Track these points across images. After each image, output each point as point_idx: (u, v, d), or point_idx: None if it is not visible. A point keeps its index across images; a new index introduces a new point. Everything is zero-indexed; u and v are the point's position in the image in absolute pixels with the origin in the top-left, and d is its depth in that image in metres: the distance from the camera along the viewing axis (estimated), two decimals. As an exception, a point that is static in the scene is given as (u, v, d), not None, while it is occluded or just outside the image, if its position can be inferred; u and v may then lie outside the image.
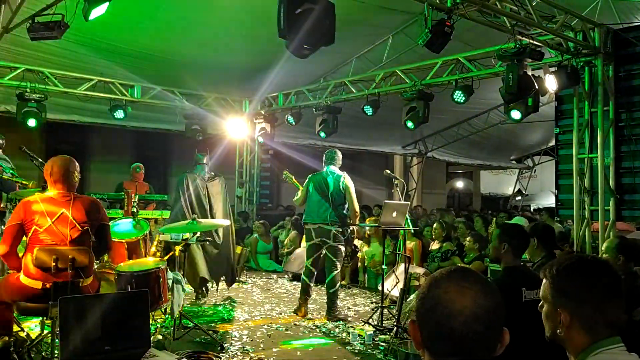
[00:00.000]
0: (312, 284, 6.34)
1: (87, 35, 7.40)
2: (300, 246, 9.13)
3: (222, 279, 7.01)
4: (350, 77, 9.11)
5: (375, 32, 8.59)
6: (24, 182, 5.13)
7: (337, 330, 5.69)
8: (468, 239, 6.96)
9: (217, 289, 7.08)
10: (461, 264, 6.78)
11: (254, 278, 8.79)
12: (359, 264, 8.37)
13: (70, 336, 3.00)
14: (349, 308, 6.76)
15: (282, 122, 10.64)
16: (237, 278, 8.32)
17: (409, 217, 6.01)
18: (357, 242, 8.28)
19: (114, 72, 9.05)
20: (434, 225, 8.15)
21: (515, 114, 6.46)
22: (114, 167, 12.23)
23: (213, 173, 7.14)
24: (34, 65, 8.43)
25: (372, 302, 7.11)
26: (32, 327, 4.82)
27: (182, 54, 8.56)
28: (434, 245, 7.84)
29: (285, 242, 9.96)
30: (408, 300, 5.75)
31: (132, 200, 6.32)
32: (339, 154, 6.45)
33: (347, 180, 6.23)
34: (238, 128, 10.84)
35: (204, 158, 7.01)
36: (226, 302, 6.89)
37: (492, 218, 9.96)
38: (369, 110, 8.67)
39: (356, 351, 4.96)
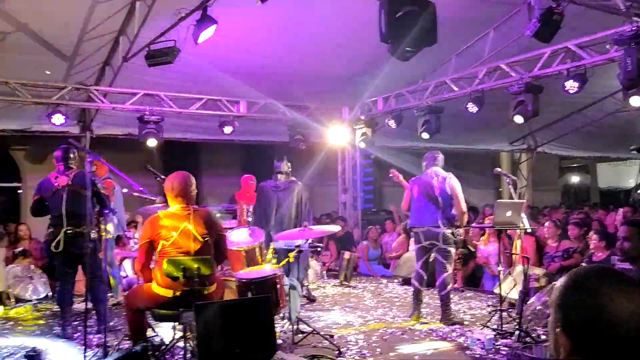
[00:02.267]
0: (423, 288, 6.25)
1: (196, 57, 7.85)
2: (408, 250, 9.04)
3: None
4: (451, 76, 8.90)
5: (474, 27, 8.34)
6: (152, 198, 5.54)
7: (454, 334, 5.56)
8: (594, 236, 6.51)
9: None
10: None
11: (363, 283, 8.83)
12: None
13: (206, 340, 3.20)
14: (464, 312, 6.59)
15: (382, 126, 10.63)
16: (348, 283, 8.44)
17: (524, 216, 5.74)
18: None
19: (221, 90, 9.55)
20: (546, 224, 7.73)
21: (636, 101, 5.98)
22: (225, 180, 12.84)
23: (293, 179, 7.28)
24: (151, 90, 9.11)
25: (488, 306, 6.87)
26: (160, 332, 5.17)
27: (285, 66, 8.83)
28: (551, 244, 7.43)
29: (392, 246, 9.92)
30: (529, 302, 5.50)
31: (245, 210, 6.63)
32: (441, 155, 6.33)
33: (453, 180, 6.09)
34: (339, 135, 10.99)
35: (280, 166, 7.20)
36: (338, 307, 6.97)
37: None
38: (473, 107, 8.42)
39: (477, 356, 4.81)
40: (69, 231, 5.33)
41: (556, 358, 1.28)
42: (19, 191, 12.07)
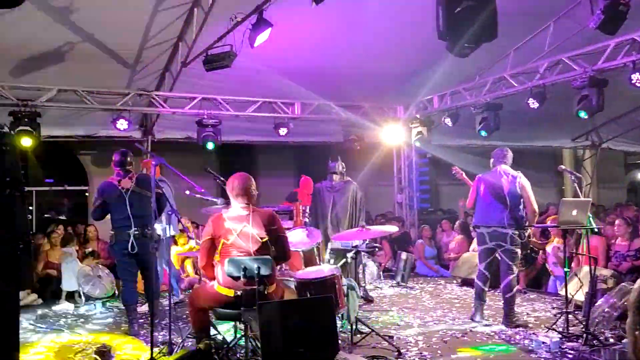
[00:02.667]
0: (486, 289, 6.10)
1: (252, 60, 7.97)
2: (468, 250, 8.86)
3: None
4: (510, 71, 8.65)
5: (533, 20, 8.08)
6: (213, 199, 5.68)
7: (517, 337, 5.40)
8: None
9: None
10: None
11: (421, 284, 8.72)
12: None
13: (269, 338, 3.25)
14: (528, 314, 6.40)
15: (438, 124, 10.47)
16: (405, 283, 8.38)
17: (591, 215, 5.51)
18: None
19: (276, 92, 9.67)
20: (616, 222, 7.40)
21: None
22: (280, 181, 12.98)
23: (348, 179, 7.26)
24: (209, 94, 9.34)
25: (552, 308, 6.65)
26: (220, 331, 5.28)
27: (339, 66, 8.84)
28: (620, 243, 7.11)
29: (450, 247, 9.76)
30: (596, 304, 5.28)
31: (302, 210, 6.69)
32: (510, 153, 6.13)
33: (523, 180, 5.90)
34: (394, 134, 10.90)
35: (334, 166, 7.18)
36: (396, 308, 6.91)
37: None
38: (534, 103, 8.16)
39: (542, 359, 4.66)
40: (135, 232, 5.53)
41: None
42: (86, 194, 12.63)
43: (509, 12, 7.44)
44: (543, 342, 5.00)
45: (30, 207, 12.16)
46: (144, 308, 6.62)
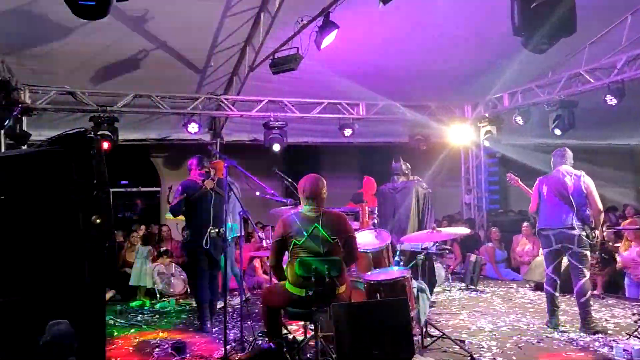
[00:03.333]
0: (557, 294, 5.86)
1: (317, 62, 8.02)
2: (539, 254, 8.54)
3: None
4: (586, 67, 8.27)
5: (609, 13, 7.69)
6: (282, 200, 5.77)
7: (596, 344, 5.15)
8: None
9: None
10: None
11: (492, 287, 8.48)
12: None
13: (343, 340, 3.25)
14: (606, 320, 6.08)
15: (508, 123, 10.16)
16: (475, 286, 8.19)
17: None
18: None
19: (341, 94, 9.70)
20: None
21: None
22: (343, 182, 12.98)
23: (412, 178, 7.15)
24: (275, 96, 9.49)
25: (633, 314, 6.29)
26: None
27: (405, 67, 8.75)
28: None
29: (519, 250, 9.46)
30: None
31: (368, 211, 6.66)
32: (569, 152, 5.89)
33: (587, 178, 5.66)
34: (461, 134, 10.67)
35: (397, 167, 7.07)
36: (466, 311, 6.76)
37: None
38: (611, 100, 7.76)
39: (625, 368, 4.43)
40: (212, 231, 5.73)
41: None
42: (158, 195, 13.13)
43: (584, 5, 7.13)
44: (624, 350, 4.73)
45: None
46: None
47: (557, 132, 8.76)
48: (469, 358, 4.69)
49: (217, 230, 5.74)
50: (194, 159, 6.15)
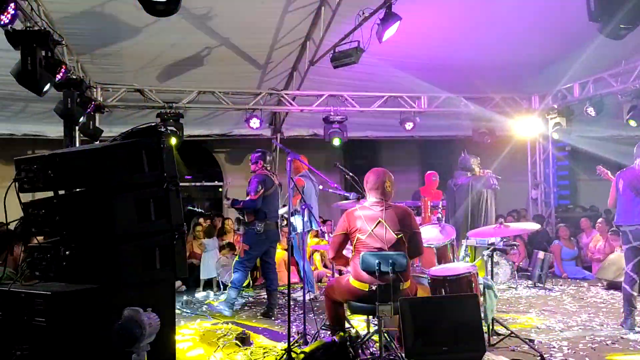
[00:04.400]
0: (636, 294, 5.55)
1: (378, 56, 7.94)
2: (614, 251, 8.13)
3: None
4: (664, 53, 7.77)
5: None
6: (345, 194, 5.76)
7: (677, 347, 4.85)
8: None
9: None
10: None
11: (561, 285, 8.15)
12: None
13: (409, 334, 3.20)
14: (688, 323, 5.71)
15: (578, 114, 9.70)
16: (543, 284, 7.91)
17: None
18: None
19: (402, 87, 9.56)
20: None
21: None
22: (404, 176, 12.82)
23: (483, 172, 6.97)
24: (335, 91, 9.47)
25: None
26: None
27: (467, 58, 8.52)
28: None
29: (591, 246, 9.05)
30: None
31: (429, 206, 6.54)
32: None
33: None
34: (528, 126, 10.30)
35: (466, 160, 6.88)
36: (535, 310, 6.52)
37: None
38: (694, 88, 7.27)
39: None
40: (278, 224, 5.95)
41: None
42: (220, 189, 13.43)
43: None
44: None
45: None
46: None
47: (633, 123, 8.28)
48: (539, 358, 4.52)
49: (278, 223, 5.91)
50: (260, 155, 6.31)
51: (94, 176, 2.91)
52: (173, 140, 8.35)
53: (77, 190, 3.09)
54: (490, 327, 4.97)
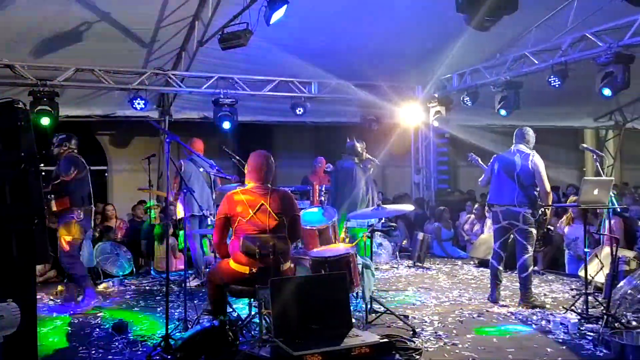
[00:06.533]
0: (501, 268, 6.04)
1: (269, 40, 7.87)
2: (484, 232, 8.78)
3: None
4: (532, 48, 8.44)
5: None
6: (227, 177, 5.69)
7: (534, 317, 5.34)
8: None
9: None
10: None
11: (438, 264, 8.68)
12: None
13: (282, 315, 3.24)
14: (545, 295, 6.32)
15: (457, 103, 10.31)
16: (422, 264, 8.34)
17: (613, 195, 5.39)
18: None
19: (293, 72, 9.59)
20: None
21: None
22: (297, 162, 12.94)
23: (368, 157, 7.23)
24: (226, 73, 9.29)
25: (571, 289, 6.57)
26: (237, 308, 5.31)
27: (356, 46, 8.71)
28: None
29: (468, 228, 9.71)
30: (618, 286, 5.19)
31: (318, 190, 6.66)
32: (531, 132, 5.99)
33: (536, 158, 5.80)
34: (412, 114, 10.77)
35: (351, 145, 7.08)
36: (412, 288, 6.89)
37: None
38: (555, 81, 7.98)
39: (560, 340, 4.59)
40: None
41: None
42: (105, 174, 12.74)
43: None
44: (561, 323, 4.92)
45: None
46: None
47: (503, 112, 8.96)
48: (412, 332, 4.79)
49: None
50: (63, 136, 6.19)
51: None
52: (46, 121, 7.79)
53: None
54: (369, 305, 5.18)
